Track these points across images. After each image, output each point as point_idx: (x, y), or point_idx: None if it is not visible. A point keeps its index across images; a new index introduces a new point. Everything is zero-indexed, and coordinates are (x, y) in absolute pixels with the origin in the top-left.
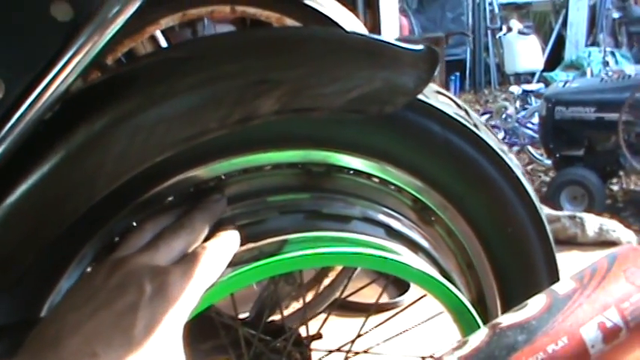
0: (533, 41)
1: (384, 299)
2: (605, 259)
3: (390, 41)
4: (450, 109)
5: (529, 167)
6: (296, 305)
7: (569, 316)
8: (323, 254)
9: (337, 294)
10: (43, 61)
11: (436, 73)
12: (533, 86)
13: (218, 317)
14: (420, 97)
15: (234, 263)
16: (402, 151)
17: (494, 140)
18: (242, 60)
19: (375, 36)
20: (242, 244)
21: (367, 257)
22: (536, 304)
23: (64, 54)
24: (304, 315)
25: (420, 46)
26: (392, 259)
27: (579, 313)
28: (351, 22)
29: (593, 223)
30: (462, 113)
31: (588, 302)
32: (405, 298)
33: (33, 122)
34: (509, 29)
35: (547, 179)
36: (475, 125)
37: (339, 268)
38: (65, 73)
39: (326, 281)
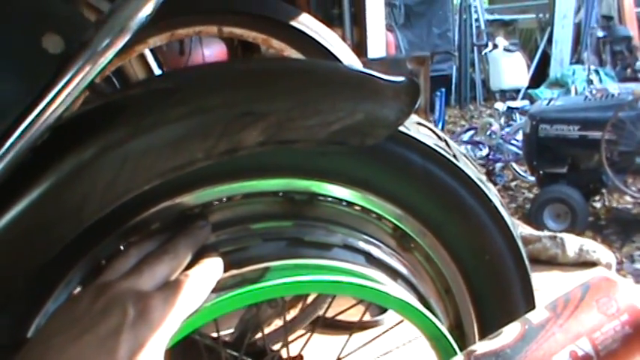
0: (518, 58)
1: (365, 317)
2: (578, 289)
3: (373, 73)
4: (431, 140)
5: (513, 184)
6: (278, 322)
7: (543, 344)
8: (304, 282)
9: (320, 312)
10: (34, 92)
11: (420, 93)
12: (518, 103)
13: (201, 339)
14: (401, 128)
15: (217, 289)
16: (383, 181)
17: (473, 170)
18: (228, 92)
19: (358, 68)
20: (225, 271)
21: (347, 285)
22: (510, 332)
23: (55, 85)
24: (285, 337)
25: (401, 79)
26: (371, 287)
27: (552, 342)
28: (335, 43)
29: (574, 244)
30: (442, 144)
31: (561, 331)
32: (386, 317)
33: (23, 151)
34: (495, 46)
35: (530, 196)
36: (454, 156)
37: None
38: (56, 104)
39: (309, 298)
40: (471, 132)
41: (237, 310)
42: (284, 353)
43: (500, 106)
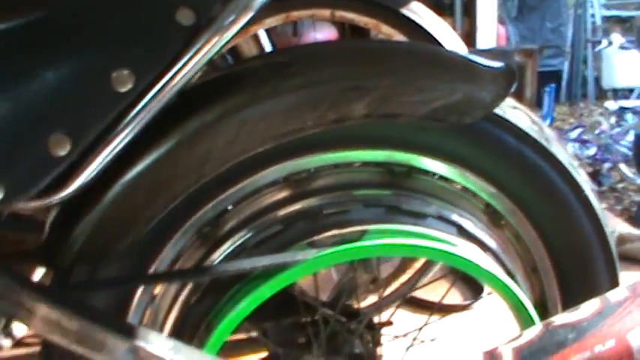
0: (634, 56)
1: (457, 301)
2: None
3: (473, 58)
4: (524, 123)
5: (620, 185)
6: (371, 299)
7: (619, 321)
8: (400, 245)
9: (410, 291)
10: (168, 58)
11: (527, 84)
12: (631, 103)
13: (301, 297)
14: (497, 110)
15: (319, 246)
16: (478, 159)
17: (564, 155)
18: (338, 67)
19: (459, 52)
20: (327, 231)
21: (439, 252)
22: (589, 307)
23: (186, 53)
24: (378, 303)
25: (499, 64)
26: (461, 257)
27: (628, 319)
28: (444, 32)
29: None
30: (536, 128)
31: (638, 310)
32: (477, 303)
33: (155, 111)
34: (610, 43)
35: (638, 199)
36: (547, 140)
37: (415, 267)
38: (185, 70)
39: (402, 278)
40: (580, 130)
41: (331, 283)
42: (375, 318)
43: (611, 104)
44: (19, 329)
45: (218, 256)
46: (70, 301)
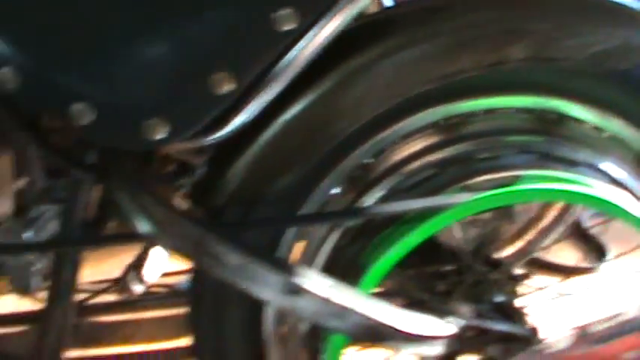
0: None
1: (582, 264)
2: None
3: (631, 4)
4: None
5: None
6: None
7: None
8: (555, 190)
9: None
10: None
11: None
12: None
13: (447, 244)
14: None
15: (472, 190)
16: (631, 107)
17: None
18: (496, 10)
19: None
20: (481, 175)
21: (594, 199)
22: None
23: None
24: (520, 254)
25: None
26: (617, 205)
27: None
28: None
29: None
30: None
31: None
32: (602, 266)
33: (314, 52)
34: None
35: None
36: None
37: (539, 227)
38: (345, 12)
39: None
40: None
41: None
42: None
43: None
44: (151, 276)
45: (368, 200)
46: (227, 238)
